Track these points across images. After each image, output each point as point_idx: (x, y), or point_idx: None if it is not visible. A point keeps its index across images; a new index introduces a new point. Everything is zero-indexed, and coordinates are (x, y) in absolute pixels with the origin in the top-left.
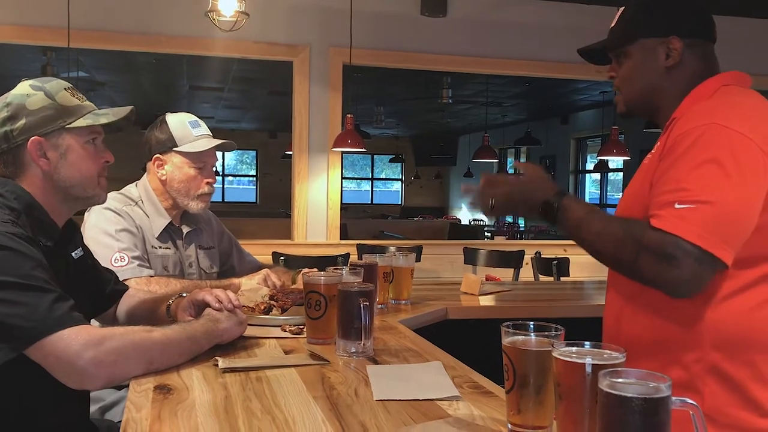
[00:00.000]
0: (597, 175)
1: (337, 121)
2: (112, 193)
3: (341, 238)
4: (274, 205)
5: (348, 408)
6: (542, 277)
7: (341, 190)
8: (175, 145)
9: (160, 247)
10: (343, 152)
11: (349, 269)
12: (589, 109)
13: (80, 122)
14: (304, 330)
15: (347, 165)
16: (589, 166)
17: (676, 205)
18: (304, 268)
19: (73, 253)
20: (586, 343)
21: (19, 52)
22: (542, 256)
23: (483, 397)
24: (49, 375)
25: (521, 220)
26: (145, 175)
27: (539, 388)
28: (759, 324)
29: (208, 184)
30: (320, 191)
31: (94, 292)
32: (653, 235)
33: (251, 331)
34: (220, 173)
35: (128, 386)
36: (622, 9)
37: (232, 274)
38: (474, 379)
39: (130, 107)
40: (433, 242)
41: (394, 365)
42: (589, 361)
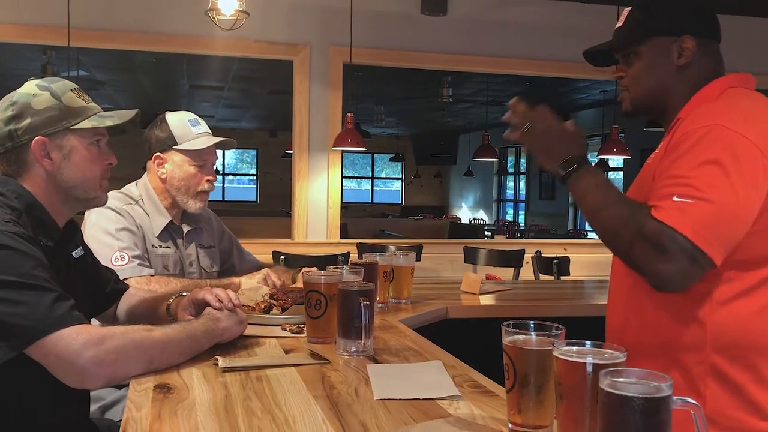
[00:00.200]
0: None
1: (338, 120)
2: (113, 192)
3: (341, 238)
4: (275, 204)
5: (348, 407)
6: (543, 276)
7: (341, 189)
8: (175, 144)
9: (160, 246)
10: (343, 151)
11: (350, 268)
12: (590, 108)
13: (85, 124)
14: (305, 329)
15: (347, 164)
16: None
17: (675, 198)
18: (304, 267)
19: (73, 253)
20: (587, 343)
21: (19, 51)
22: (542, 255)
23: (483, 397)
24: (50, 374)
25: (521, 220)
26: (146, 174)
27: (540, 388)
28: (760, 327)
29: (208, 181)
30: (320, 190)
31: (95, 292)
32: (652, 225)
33: (251, 331)
34: (221, 172)
35: (128, 385)
36: (630, 9)
37: (233, 273)
38: (474, 378)
39: (135, 110)
40: (434, 241)
41: (394, 364)
42: (589, 360)
